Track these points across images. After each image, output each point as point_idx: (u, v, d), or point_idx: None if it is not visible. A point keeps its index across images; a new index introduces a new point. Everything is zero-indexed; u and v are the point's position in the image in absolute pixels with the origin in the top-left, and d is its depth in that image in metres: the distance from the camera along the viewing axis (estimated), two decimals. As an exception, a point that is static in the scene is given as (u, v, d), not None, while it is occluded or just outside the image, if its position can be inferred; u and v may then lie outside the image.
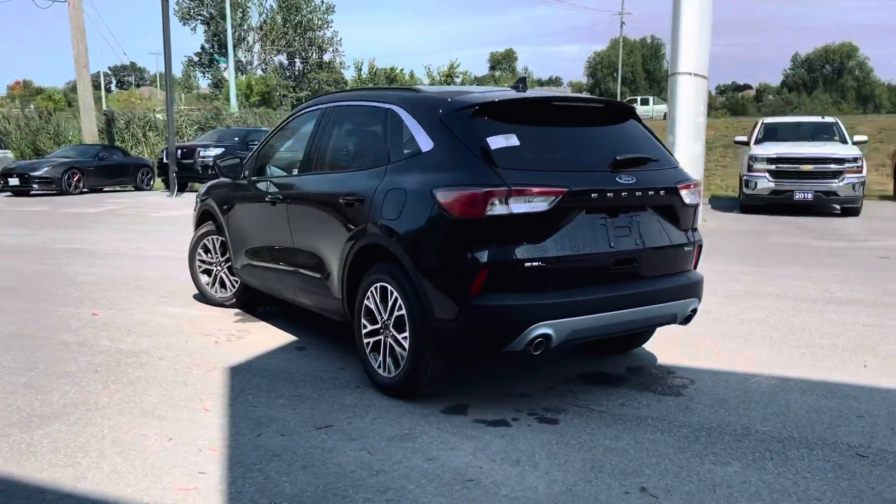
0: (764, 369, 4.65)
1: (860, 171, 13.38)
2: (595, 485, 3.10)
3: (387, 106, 4.42)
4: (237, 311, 6.22)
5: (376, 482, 3.11)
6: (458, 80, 66.27)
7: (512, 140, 3.83)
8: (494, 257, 3.62)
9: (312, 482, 3.11)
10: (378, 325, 4.20)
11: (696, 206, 4.28)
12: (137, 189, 21.80)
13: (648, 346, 5.04)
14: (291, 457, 3.36)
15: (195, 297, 6.70)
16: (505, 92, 4.31)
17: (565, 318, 3.69)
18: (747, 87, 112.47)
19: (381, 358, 4.20)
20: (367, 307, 4.27)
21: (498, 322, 3.65)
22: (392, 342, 4.09)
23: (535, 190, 3.62)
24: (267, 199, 5.30)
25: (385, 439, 3.56)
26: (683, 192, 4.14)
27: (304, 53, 73.86)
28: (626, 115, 4.37)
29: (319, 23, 72.48)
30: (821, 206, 13.86)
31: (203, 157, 20.18)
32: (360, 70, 66.52)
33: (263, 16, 70.35)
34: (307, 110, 5.38)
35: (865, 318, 5.92)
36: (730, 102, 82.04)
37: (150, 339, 5.34)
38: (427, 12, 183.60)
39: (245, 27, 65.08)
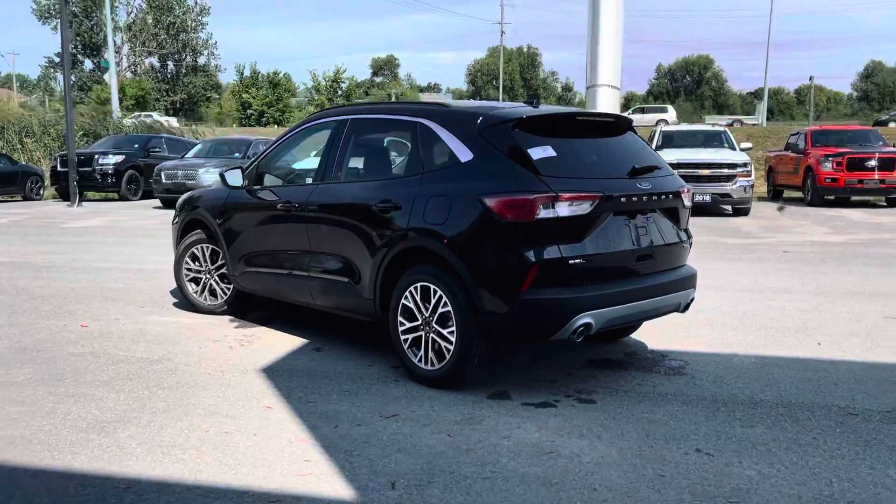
0: (739, 349, 5.34)
1: (749, 175, 14.82)
2: (656, 449, 3.60)
3: (415, 119, 4.78)
4: (230, 317, 6.34)
5: (471, 458, 3.48)
6: (343, 86, 66.39)
7: (549, 151, 4.30)
8: (543, 256, 4.07)
9: (414, 462, 3.44)
10: (417, 322, 4.54)
11: (689, 209, 4.90)
12: (27, 199, 20.64)
13: (635, 334, 5.64)
14: (380, 442, 3.67)
15: (177, 305, 6.74)
16: (523, 108, 4.74)
17: (602, 309, 4.19)
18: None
19: (421, 352, 4.54)
20: (405, 306, 4.61)
21: (547, 314, 4.11)
22: (435, 337, 4.45)
23: (577, 195, 4.10)
24: (279, 207, 5.50)
25: (454, 423, 3.93)
26: (684, 196, 4.75)
27: (177, 56, 71.40)
28: (627, 127, 4.94)
29: (193, 24, 70.40)
30: (714, 208, 15.20)
31: (102, 165, 19.40)
32: (242, 74, 65.08)
33: (132, 15, 67.53)
34: (315, 123, 5.63)
35: (800, 304, 6.79)
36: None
37: (161, 347, 5.42)
38: (305, 16, 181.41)
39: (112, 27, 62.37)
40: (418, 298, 4.53)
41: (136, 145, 20.58)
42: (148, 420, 3.98)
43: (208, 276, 6.42)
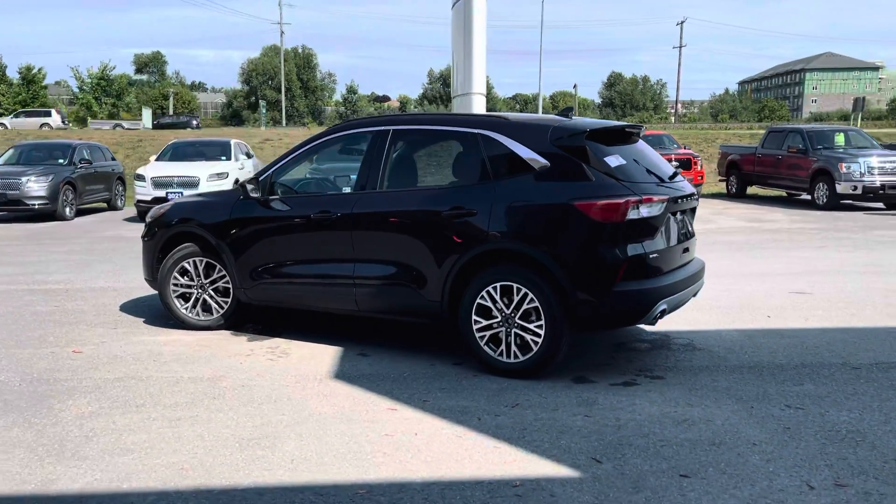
0: (721, 326, 6.29)
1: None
2: (757, 408, 4.32)
3: (476, 131, 5.12)
4: (229, 332, 6.15)
5: (632, 432, 3.96)
6: (111, 84, 61.29)
7: (619, 159, 4.88)
8: (632, 252, 4.65)
9: (587, 440, 3.85)
10: (495, 320, 4.90)
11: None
12: None
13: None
14: (536, 427, 4.01)
15: (149, 323, 6.39)
16: (568, 119, 5.23)
17: (672, 296, 4.85)
18: (386, 97, 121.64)
19: (502, 346, 4.90)
20: (481, 306, 4.94)
21: (636, 303, 4.68)
22: (519, 331, 4.83)
23: (655, 198, 4.72)
24: (312, 217, 5.51)
25: (578, 405, 4.36)
26: (696, 197, 5.55)
27: None
28: (640, 136, 5.65)
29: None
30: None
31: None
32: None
33: None
34: (341, 134, 5.72)
35: (744, 286, 7.97)
36: (381, 113, 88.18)
37: (197, 366, 5.22)
38: (51, 3, 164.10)
39: None
40: (497, 297, 4.88)
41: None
42: (275, 436, 3.97)
43: (201, 290, 6.17)
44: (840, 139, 17.90)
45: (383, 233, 5.30)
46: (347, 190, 5.85)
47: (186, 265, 6.16)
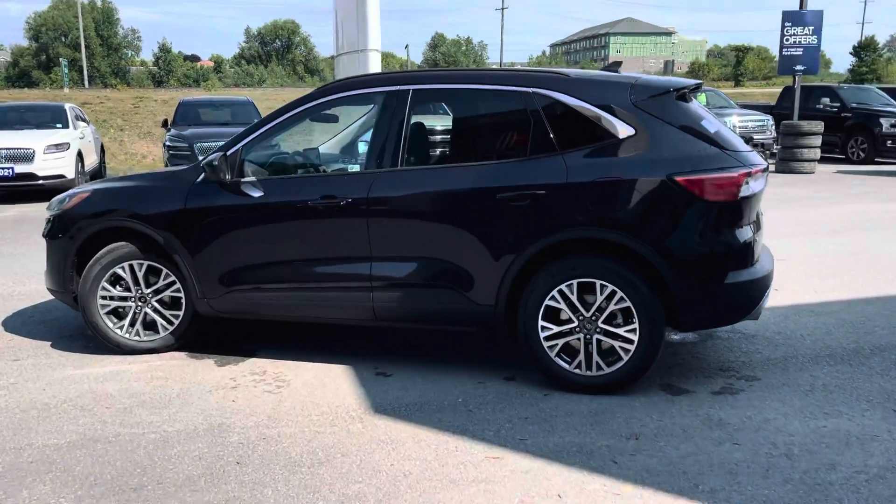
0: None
1: None
2: (888, 406, 3.76)
3: (529, 90, 4.09)
4: (188, 354, 4.76)
5: (808, 462, 3.23)
6: None
7: (714, 124, 4.07)
8: (743, 237, 3.89)
9: (770, 482, 3.07)
10: (572, 325, 3.98)
11: None
12: None
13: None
14: (684, 456, 3.19)
15: (58, 347, 4.83)
16: (634, 76, 4.29)
17: (771, 284, 4.16)
18: (196, 58, 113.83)
19: (580, 357, 4.00)
20: (551, 308, 4.00)
21: (748, 295, 3.94)
22: (603, 338, 3.95)
23: (757, 170, 3.96)
24: (310, 202, 4.25)
25: (707, 428, 3.58)
26: None
27: None
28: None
29: None
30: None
31: None
32: None
33: None
34: (341, 96, 4.43)
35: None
36: (197, 73, 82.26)
37: (176, 412, 3.87)
38: None
39: None
40: (574, 297, 3.95)
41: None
42: (420, 492, 2.85)
43: (141, 303, 4.69)
44: (702, 99, 18.41)
45: (413, 222, 4.17)
46: (355, 168, 4.62)
47: (120, 271, 4.65)
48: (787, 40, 16.55)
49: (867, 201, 11.22)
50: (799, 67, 16.60)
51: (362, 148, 5.30)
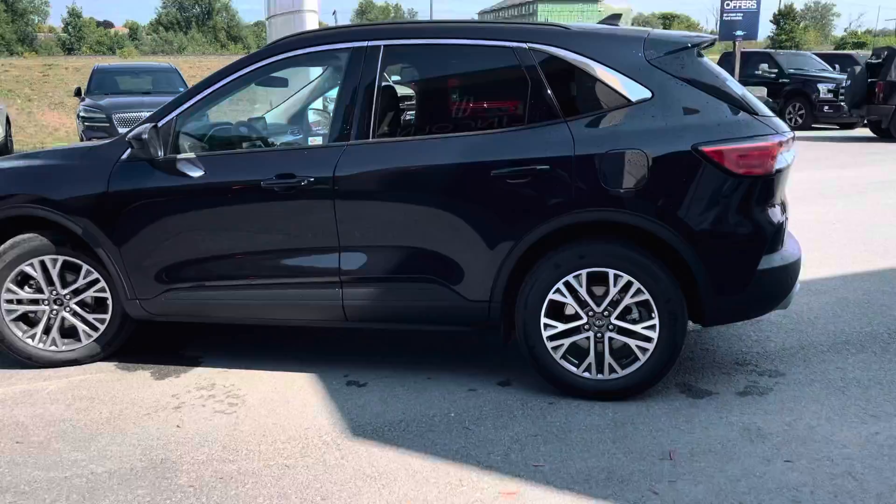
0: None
1: None
2: (946, 409, 3.34)
3: (524, 45, 3.45)
4: (118, 364, 4.00)
5: (889, 487, 2.76)
6: None
7: (739, 85, 3.52)
8: (776, 217, 3.38)
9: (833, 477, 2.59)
10: (580, 322, 3.42)
11: None
12: None
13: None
14: (768, 497, 2.67)
15: (-18, 363, 4.02)
16: (642, 30, 3.70)
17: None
18: (110, 24, 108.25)
19: (588, 359, 3.44)
20: (555, 303, 3.42)
21: (780, 283, 3.45)
22: (617, 336, 3.40)
23: (790, 138, 3.45)
24: (263, 183, 3.53)
25: (747, 442, 3.07)
26: None
27: None
28: None
29: None
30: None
31: None
32: None
33: None
34: (294, 54, 3.68)
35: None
36: (111, 40, 78.12)
37: (107, 446, 3.15)
38: None
39: None
40: (582, 290, 3.38)
41: None
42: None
43: (56, 306, 3.90)
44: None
45: (389, 204, 3.51)
46: (316, 141, 3.91)
47: (29, 269, 3.84)
48: (728, 5, 16.34)
49: (822, 168, 11.04)
50: (739, 33, 16.45)
51: (312, 117, 4.59)
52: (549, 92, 3.40)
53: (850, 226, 7.11)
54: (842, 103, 16.61)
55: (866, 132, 16.08)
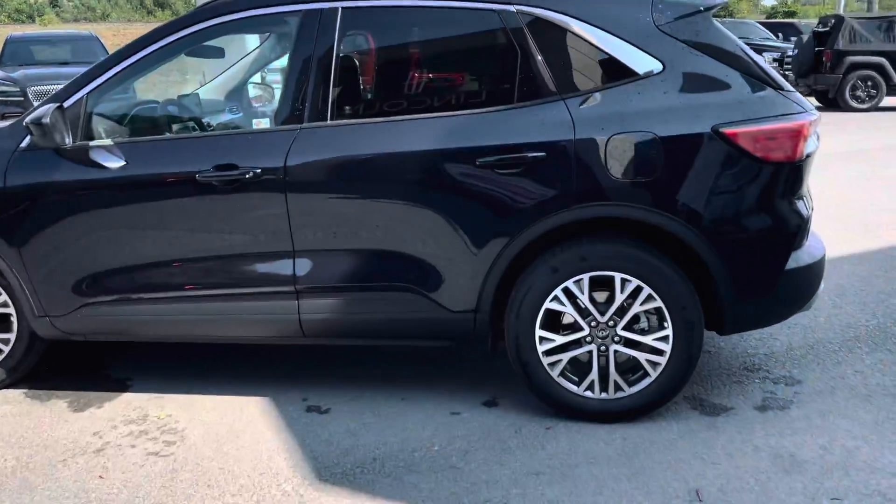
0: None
1: None
2: None
3: (512, 7, 2.89)
4: (27, 392, 3.35)
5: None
6: None
7: (760, 57, 3.04)
8: (804, 210, 2.94)
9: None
10: (581, 333, 2.93)
11: None
12: None
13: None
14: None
15: None
16: None
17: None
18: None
19: (591, 377, 2.96)
20: (551, 313, 2.93)
21: (807, 283, 3.02)
22: (623, 349, 2.93)
23: (817, 118, 3.00)
24: (199, 176, 2.91)
25: (781, 472, 2.65)
26: None
27: None
28: None
29: None
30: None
31: None
32: None
33: None
34: (232, 18, 3.03)
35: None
36: (31, 8, 73.86)
37: (18, 501, 2.53)
38: None
39: None
40: (584, 297, 2.89)
41: None
42: None
43: (-52, 326, 3.22)
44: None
45: (353, 200, 2.93)
46: (261, 122, 3.28)
47: None
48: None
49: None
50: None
51: (253, 92, 3.96)
52: (542, 64, 2.86)
53: (821, 203, 6.74)
54: (787, 72, 16.51)
55: (813, 101, 16.03)
